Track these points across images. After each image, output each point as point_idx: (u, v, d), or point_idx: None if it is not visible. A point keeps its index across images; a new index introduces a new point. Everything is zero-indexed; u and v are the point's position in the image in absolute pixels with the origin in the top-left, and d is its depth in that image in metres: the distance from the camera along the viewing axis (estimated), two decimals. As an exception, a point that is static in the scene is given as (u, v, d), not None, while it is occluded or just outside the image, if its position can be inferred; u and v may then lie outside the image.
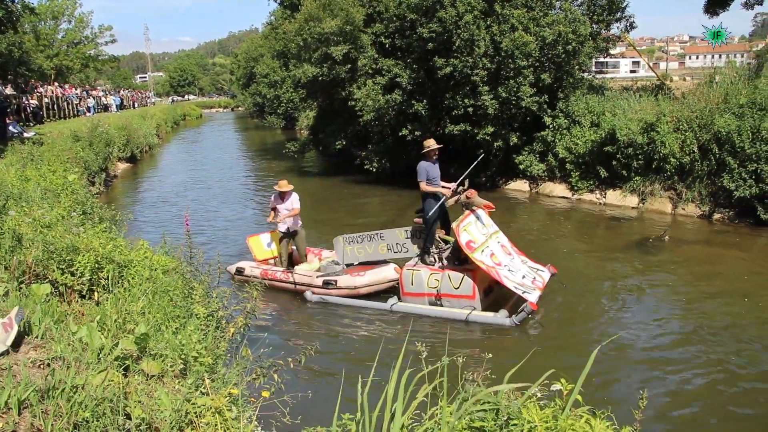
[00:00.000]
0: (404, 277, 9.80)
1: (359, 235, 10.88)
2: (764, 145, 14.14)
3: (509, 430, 2.61)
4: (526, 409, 2.74)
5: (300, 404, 4.49)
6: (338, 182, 22.69)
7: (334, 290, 10.23)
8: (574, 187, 18.39)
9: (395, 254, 10.59)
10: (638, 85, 23.00)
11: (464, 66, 17.73)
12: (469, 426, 2.80)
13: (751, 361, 7.76)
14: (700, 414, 6.52)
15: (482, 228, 9.64)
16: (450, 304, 9.36)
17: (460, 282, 9.22)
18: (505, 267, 9.28)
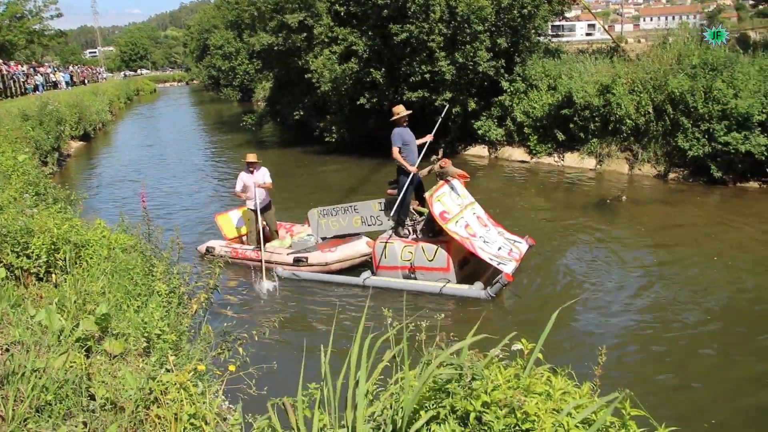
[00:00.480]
0: (377, 251, 9.58)
1: (333, 207, 10.61)
2: (716, 105, 14.41)
3: (473, 390, 2.65)
4: (489, 369, 2.78)
5: (266, 376, 4.50)
6: (297, 153, 22.52)
7: (305, 267, 10.02)
8: (532, 151, 18.55)
9: (369, 227, 10.37)
10: (594, 48, 23.21)
11: (420, 32, 17.63)
12: (432, 388, 2.83)
13: (708, 310, 7.99)
14: (662, 371, 6.69)
15: (457, 198, 9.43)
16: (424, 277, 9.15)
17: (434, 254, 9.03)
18: (480, 238, 9.10)
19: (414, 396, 2.67)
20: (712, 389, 6.28)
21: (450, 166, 9.43)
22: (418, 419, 2.76)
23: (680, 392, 6.27)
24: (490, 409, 2.56)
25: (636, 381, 6.40)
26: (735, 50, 16.03)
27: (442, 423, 2.64)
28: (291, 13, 19.80)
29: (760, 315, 7.94)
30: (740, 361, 6.82)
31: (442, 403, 2.72)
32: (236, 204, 12.07)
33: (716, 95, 14.45)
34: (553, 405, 2.57)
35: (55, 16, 44.83)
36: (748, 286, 8.87)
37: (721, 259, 9.92)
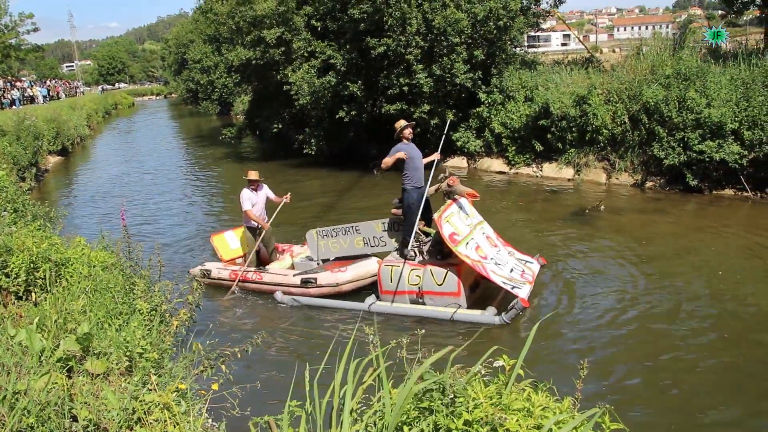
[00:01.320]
0: (382, 274, 9.00)
1: (333, 228, 10.14)
2: (690, 114, 14.62)
3: (455, 408, 2.68)
4: (471, 386, 2.82)
5: (249, 395, 4.50)
6: (277, 166, 22.50)
7: (314, 289, 9.46)
8: (511, 162, 18.69)
9: (372, 248, 9.92)
10: (569, 58, 23.45)
11: (397, 45, 17.75)
12: (416, 406, 2.86)
13: (694, 322, 8.08)
14: (644, 382, 6.73)
15: (466, 218, 9.00)
16: (433, 302, 8.62)
17: (444, 278, 8.48)
18: (491, 260, 8.65)
19: (396, 413, 2.71)
20: (699, 401, 6.35)
21: (458, 185, 8.97)
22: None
23: (668, 405, 6.33)
24: (472, 427, 2.59)
25: (620, 393, 6.47)
26: (706, 60, 16.29)
27: (426, 440, 2.68)
28: (269, 29, 19.84)
29: (746, 321, 8.06)
30: (731, 368, 6.90)
31: (426, 421, 2.75)
32: (228, 224, 11.91)
33: (690, 105, 14.67)
34: (534, 422, 2.62)
35: (32, 30, 44.44)
36: (733, 294, 8.95)
37: (701, 268, 10.05)
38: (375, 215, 13.24)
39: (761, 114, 13.84)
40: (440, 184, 9.08)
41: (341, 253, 10.17)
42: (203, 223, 15.11)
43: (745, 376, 6.68)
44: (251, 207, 10.06)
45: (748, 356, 7.09)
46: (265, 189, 10.41)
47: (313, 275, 9.55)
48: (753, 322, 8.08)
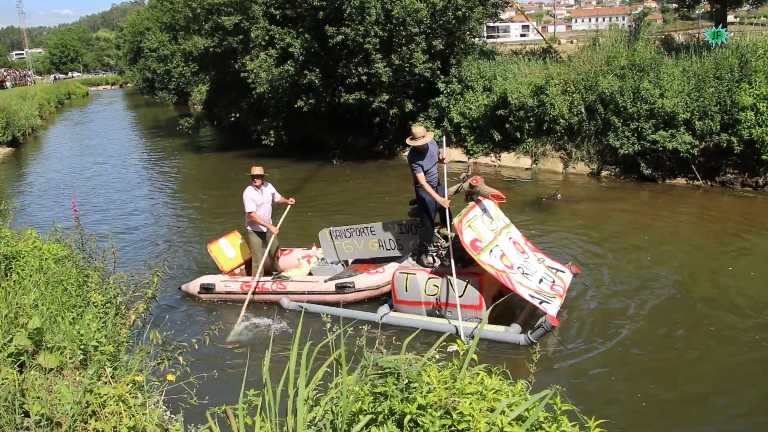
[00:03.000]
0: (397, 282, 8.17)
1: (347, 228, 9.41)
2: (644, 105, 14.89)
3: (410, 393, 2.71)
4: (425, 371, 2.85)
5: (207, 385, 4.49)
6: (236, 157, 22.29)
7: (351, 294, 8.70)
8: (469, 151, 18.82)
9: (387, 252, 9.28)
10: (527, 49, 23.63)
11: (356, 34, 17.67)
12: (371, 392, 2.88)
13: (647, 304, 8.28)
14: (599, 368, 6.87)
15: (490, 223, 8.17)
16: (452, 314, 7.76)
17: (464, 289, 7.71)
18: (518, 270, 7.87)
19: (351, 399, 2.72)
20: (651, 381, 6.51)
21: (482, 185, 8.16)
22: (358, 422, 2.81)
23: (621, 391, 6.48)
24: (426, 411, 2.62)
25: (576, 375, 6.62)
26: (660, 52, 16.58)
27: (381, 426, 2.70)
28: (227, 16, 19.59)
29: (700, 307, 8.29)
30: (680, 351, 7.10)
31: (381, 406, 2.77)
32: (186, 214, 11.44)
33: (644, 95, 14.94)
34: (487, 404, 2.66)
35: (-22, 16, 43.14)
36: (688, 279, 9.21)
37: (654, 250, 10.34)
38: (336, 205, 13.27)
39: (711, 105, 14.17)
40: (461, 184, 8.30)
41: (355, 255, 9.56)
42: (159, 215, 14.92)
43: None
44: (255, 208, 9.02)
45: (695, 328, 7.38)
46: (270, 187, 9.42)
47: (349, 279, 8.75)
48: (701, 295, 8.51)
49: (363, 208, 14.30)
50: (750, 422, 5.79)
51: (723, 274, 9.29)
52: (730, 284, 8.89)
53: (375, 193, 15.93)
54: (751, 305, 8.11)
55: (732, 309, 8.08)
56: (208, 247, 9.69)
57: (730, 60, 14.68)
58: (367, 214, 13.35)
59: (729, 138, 13.93)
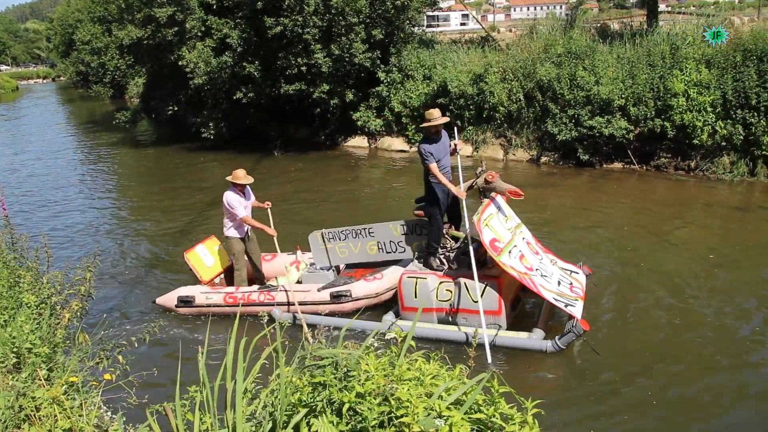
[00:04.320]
0: (405, 287, 7.53)
1: (342, 230, 8.60)
2: (580, 92, 15.19)
3: (348, 382, 2.70)
4: (364, 359, 2.84)
5: (146, 383, 4.41)
6: (175, 150, 21.87)
7: (349, 303, 7.96)
8: (411, 140, 18.90)
9: (388, 254, 8.46)
10: (466, 37, 23.84)
11: (295, 25, 17.51)
12: (310, 382, 2.86)
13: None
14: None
15: (505, 221, 7.63)
16: (467, 321, 7.26)
17: (482, 293, 7.07)
18: (537, 272, 7.35)
19: (289, 390, 2.69)
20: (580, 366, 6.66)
21: (499, 180, 7.50)
22: (297, 413, 2.78)
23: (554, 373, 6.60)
24: (364, 399, 2.61)
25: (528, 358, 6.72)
26: (595, 40, 16.93)
27: (320, 416, 2.68)
28: (159, 7, 19.14)
29: (637, 279, 8.63)
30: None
31: (319, 396, 2.75)
32: (124, 214, 10.90)
33: (580, 82, 15.24)
34: (425, 389, 2.66)
35: None
36: (629, 256, 9.54)
37: (594, 232, 10.62)
38: (280, 197, 13.12)
39: (645, 91, 14.55)
40: (475, 179, 7.61)
41: (350, 259, 8.75)
42: (95, 213, 14.51)
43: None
44: (245, 212, 8.39)
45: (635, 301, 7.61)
46: (249, 191, 8.71)
47: (345, 287, 8.06)
48: (644, 271, 8.85)
49: (309, 198, 14.22)
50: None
51: (661, 251, 9.60)
52: (668, 259, 9.21)
53: (318, 183, 15.84)
54: (688, 275, 8.61)
55: (668, 281, 8.50)
56: (185, 255, 8.80)
57: (662, 47, 15.08)
58: (313, 203, 13.32)
59: (662, 123, 14.32)
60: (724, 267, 9.01)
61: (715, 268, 8.94)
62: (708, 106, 13.79)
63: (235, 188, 8.39)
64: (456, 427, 2.45)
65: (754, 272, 8.82)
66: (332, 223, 11.18)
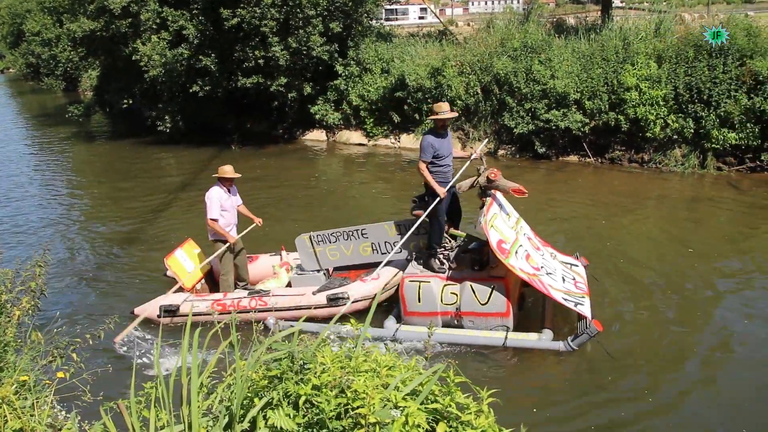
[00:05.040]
0: (407, 291, 7.34)
1: (332, 232, 8.25)
2: (537, 86, 15.37)
3: (304, 375, 2.69)
4: (320, 352, 2.84)
5: (101, 380, 4.34)
6: (130, 144, 21.49)
7: (346, 306, 7.51)
8: (369, 134, 18.90)
9: (383, 255, 8.12)
10: (424, 31, 23.88)
11: (252, 17, 17.31)
12: (265, 376, 2.85)
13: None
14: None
15: (508, 220, 7.47)
16: (474, 324, 7.18)
17: (489, 295, 6.99)
18: (542, 270, 7.25)
19: (245, 384, 2.68)
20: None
21: (501, 178, 7.31)
22: (254, 407, 2.77)
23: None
24: (321, 391, 2.61)
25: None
26: (551, 34, 17.12)
27: (276, 409, 2.67)
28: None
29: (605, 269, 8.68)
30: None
31: (276, 389, 2.74)
32: (78, 211, 10.58)
33: (536, 76, 15.41)
34: (381, 381, 2.67)
35: None
36: (590, 244, 9.77)
37: (552, 222, 10.77)
38: (241, 193, 12.96)
39: (599, 85, 14.78)
40: (477, 178, 7.44)
41: (342, 262, 8.43)
42: (46, 211, 14.18)
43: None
44: (220, 215, 8.00)
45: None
46: (235, 190, 8.35)
47: (341, 289, 7.73)
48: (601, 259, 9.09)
49: (272, 195, 14.05)
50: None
51: (617, 240, 9.82)
52: (626, 248, 9.43)
53: (278, 178, 15.72)
54: (648, 260, 9.09)
55: (628, 267, 8.91)
56: (166, 261, 8.23)
57: (615, 42, 15.33)
58: (275, 198, 13.24)
59: (616, 117, 14.57)
60: (686, 256, 9.32)
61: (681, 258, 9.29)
62: (660, 100, 14.08)
63: (221, 184, 8.04)
64: (412, 417, 2.47)
65: (707, 260, 9.09)
66: (296, 219, 11.13)
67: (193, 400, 2.89)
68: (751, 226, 10.80)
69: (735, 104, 13.38)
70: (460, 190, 7.56)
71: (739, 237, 10.20)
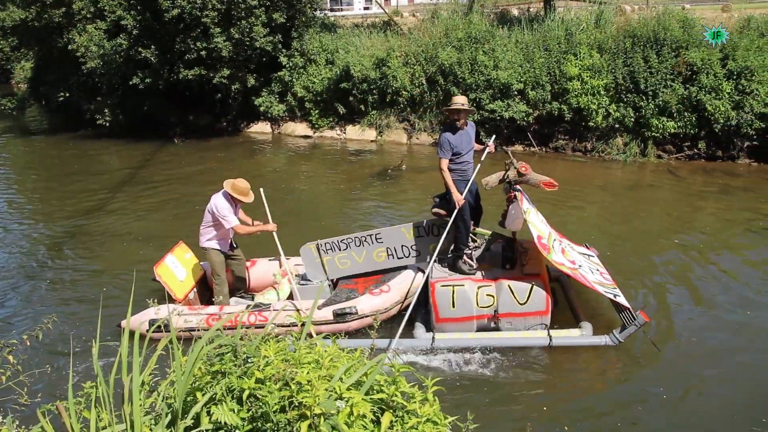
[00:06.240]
0: (440, 297, 6.84)
1: (342, 239, 7.65)
2: (481, 76, 15.48)
3: (248, 369, 2.65)
4: (264, 346, 2.79)
5: (39, 382, 4.21)
6: (69, 139, 20.82)
7: (355, 322, 7.00)
8: (315, 125, 18.78)
9: (399, 260, 7.66)
10: (369, 22, 23.81)
11: (193, 7, 16.97)
12: (209, 371, 2.79)
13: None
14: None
15: (537, 212, 7.11)
16: (512, 325, 6.84)
17: (528, 294, 6.66)
18: (576, 263, 6.97)
19: (187, 380, 2.62)
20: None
21: (532, 172, 6.90)
22: (197, 403, 2.71)
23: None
24: (264, 384, 2.57)
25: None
26: (494, 25, 17.26)
27: (220, 404, 2.62)
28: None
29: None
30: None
31: (219, 384, 2.69)
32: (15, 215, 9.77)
33: (480, 67, 15.53)
34: (324, 372, 2.64)
35: None
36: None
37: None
38: (185, 188, 12.72)
39: (542, 75, 14.98)
40: (506, 172, 6.99)
41: (353, 270, 7.81)
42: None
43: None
44: (215, 227, 7.34)
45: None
46: (239, 209, 7.57)
47: (349, 304, 7.10)
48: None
49: (214, 188, 13.68)
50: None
51: (561, 228, 9.97)
52: (571, 235, 9.57)
53: (221, 171, 15.43)
54: (591, 244, 8.89)
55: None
56: (155, 270, 7.37)
57: (557, 33, 15.55)
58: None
59: (560, 106, 14.80)
60: (626, 240, 9.57)
61: (619, 240, 9.50)
62: (601, 90, 14.35)
63: (229, 198, 7.29)
64: (357, 407, 2.45)
65: (648, 244, 9.32)
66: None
67: (134, 398, 2.81)
68: (689, 211, 11.13)
69: (672, 94, 13.74)
70: (488, 185, 7.05)
71: (677, 223, 10.48)
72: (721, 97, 13.34)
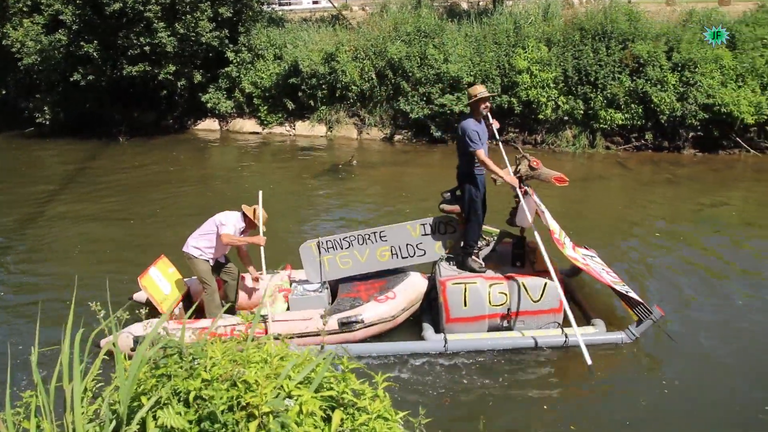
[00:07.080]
0: (451, 296, 6.62)
1: (344, 236, 7.39)
2: (431, 70, 15.50)
3: (194, 370, 2.54)
4: (210, 347, 2.69)
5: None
6: (5, 139, 20.02)
7: (360, 331, 6.68)
8: (263, 122, 18.53)
9: (404, 260, 7.42)
10: (317, 16, 23.63)
11: (135, 2, 16.54)
12: (153, 374, 2.67)
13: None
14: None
15: (546, 209, 6.94)
16: (524, 324, 6.71)
17: (542, 291, 6.56)
18: (587, 259, 6.96)
19: (131, 384, 2.50)
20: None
21: (543, 168, 6.83)
22: (142, 407, 2.59)
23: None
24: (212, 385, 2.47)
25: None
26: (443, 19, 17.30)
27: (166, 407, 2.51)
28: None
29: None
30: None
31: (164, 387, 2.58)
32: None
33: (430, 60, 15.54)
34: (272, 370, 2.56)
35: None
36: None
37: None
38: (130, 189, 12.37)
39: (492, 68, 15.07)
40: (518, 166, 6.88)
41: (354, 270, 7.50)
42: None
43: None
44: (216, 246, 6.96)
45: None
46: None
47: (354, 312, 6.75)
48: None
49: (165, 190, 13.31)
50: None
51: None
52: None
53: (169, 171, 15.09)
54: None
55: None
56: (140, 282, 6.90)
57: (506, 26, 15.66)
58: (167, 194, 12.71)
59: (510, 99, 14.90)
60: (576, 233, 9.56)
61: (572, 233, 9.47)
62: (551, 83, 14.52)
63: (243, 220, 7.00)
64: (306, 405, 2.37)
65: (599, 235, 9.43)
66: (191, 214, 10.51)
67: (76, 405, 2.69)
68: (640, 201, 11.31)
69: (619, 86, 13.98)
70: (497, 180, 6.81)
71: (630, 213, 10.65)
72: (667, 89, 13.65)
